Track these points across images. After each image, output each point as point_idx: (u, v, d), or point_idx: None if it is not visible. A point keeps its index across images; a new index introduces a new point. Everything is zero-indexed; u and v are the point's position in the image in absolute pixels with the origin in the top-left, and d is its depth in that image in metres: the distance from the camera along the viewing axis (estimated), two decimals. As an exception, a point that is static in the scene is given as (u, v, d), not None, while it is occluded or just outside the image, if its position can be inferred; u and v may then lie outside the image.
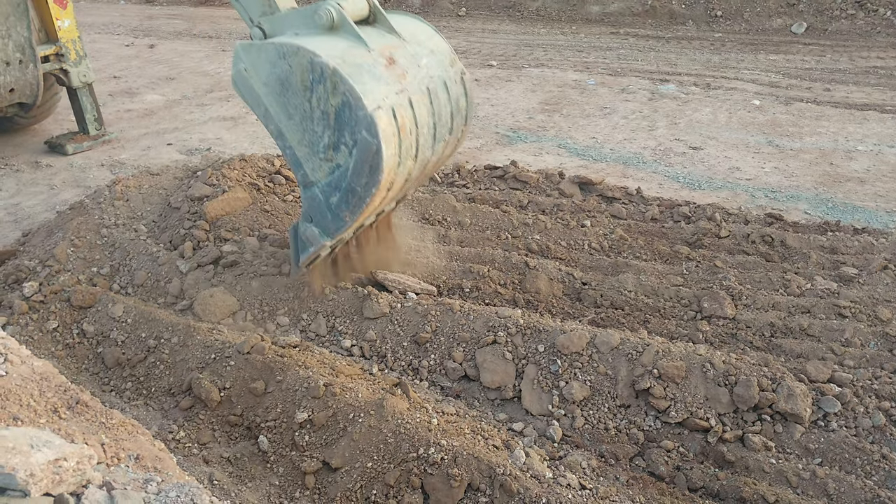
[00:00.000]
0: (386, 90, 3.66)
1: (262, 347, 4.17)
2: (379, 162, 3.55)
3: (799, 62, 12.20)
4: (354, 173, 3.66)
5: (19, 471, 1.71)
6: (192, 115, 9.87)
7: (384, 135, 3.52)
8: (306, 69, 3.58)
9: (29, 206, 6.95)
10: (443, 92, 4.14)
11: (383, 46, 3.91)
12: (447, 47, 4.37)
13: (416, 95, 3.87)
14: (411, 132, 3.81)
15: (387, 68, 3.78)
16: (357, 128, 3.53)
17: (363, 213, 3.86)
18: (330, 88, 3.54)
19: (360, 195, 3.71)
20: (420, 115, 3.88)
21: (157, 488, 1.94)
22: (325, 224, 3.98)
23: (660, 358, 3.99)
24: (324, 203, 3.89)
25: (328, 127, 3.66)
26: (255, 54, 3.79)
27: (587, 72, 11.86)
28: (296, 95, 3.70)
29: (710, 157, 8.01)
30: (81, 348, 4.61)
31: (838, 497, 3.45)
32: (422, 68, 4.04)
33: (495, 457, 3.47)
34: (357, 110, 3.50)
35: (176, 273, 5.15)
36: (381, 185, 3.65)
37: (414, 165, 4.00)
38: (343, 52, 3.64)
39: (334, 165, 3.75)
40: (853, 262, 5.33)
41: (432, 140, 4.10)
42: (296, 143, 3.85)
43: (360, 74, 3.58)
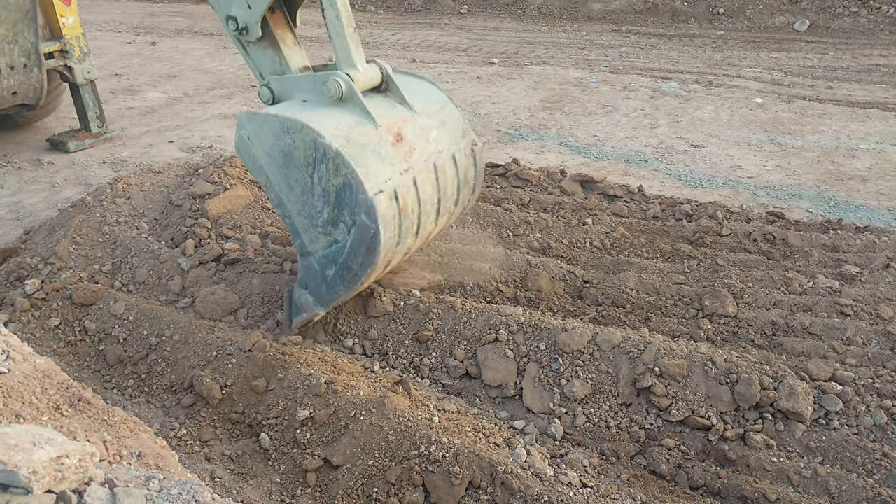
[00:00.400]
0: (390, 171, 3.61)
1: (264, 345, 4.18)
2: (376, 245, 3.53)
3: (801, 60, 12.18)
4: (351, 252, 3.63)
5: (22, 468, 1.71)
6: (193, 113, 9.88)
7: (383, 219, 3.49)
8: (310, 147, 3.53)
9: (31, 203, 6.96)
10: (451, 166, 4.09)
11: (392, 121, 3.84)
12: (458, 116, 4.29)
13: (421, 174, 3.81)
14: (413, 211, 3.77)
15: (393, 146, 3.72)
16: (357, 209, 3.49)
17: (357, 289, 3.86)
18: (332, 169, 3.49)
19: (355, 272, 3.69)
20: (424, 192, 3.84)
21: (160, 485, 1.95)
22: (320, 294, 3.96)
23: (661, 356, 3.99)
24: (319, 274, 3.86)
25: (328, 204, 3.62)
26: (259, 124, 3.72)
27: (589, 69, 11.85)
28: (298, 170, 3.65)
29: (711, 155, 8.00)
30: (83, 346, 4.61)
31: (839, 495, 3.45)
32: (430, 143, 3.96)
33: (496, 455, 3.48)
34: (358, 193, 3.45)
35: (177, 270, 5.15)
36: (377, 266, 3.65)
37: (414, 241, 3.99)
38: (348, 131, 3.58)
39: (332, 240, 3.73)
40: (855, 260, 5.33)
41: (435, 214, 4.07)
42: (295, 214, 3.80)
43: (364, 156, 3.52)
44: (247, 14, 4.02)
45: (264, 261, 5.13)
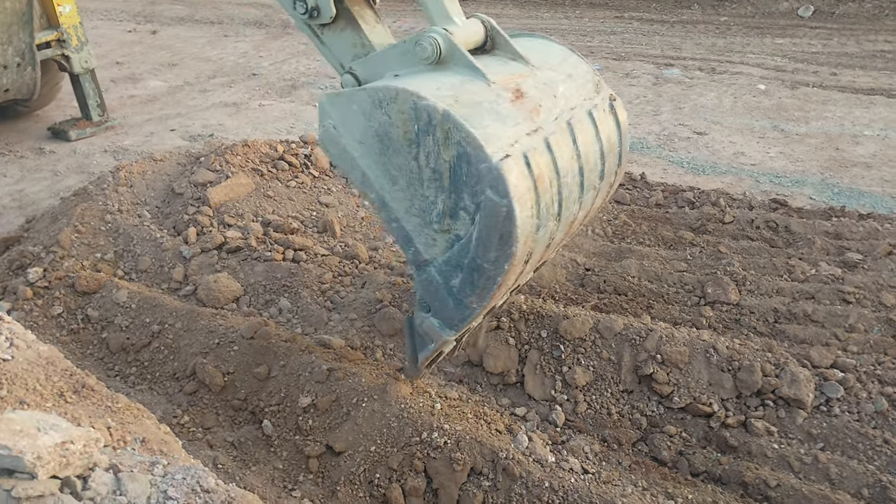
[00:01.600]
0: (515, 132, 2.87)
1: (266, 332, 4.19)
2: (511, 228, 2.71)
3: (805, 46, 12.10)
4: (480, 246, 2.82)
5: (27, 453, 1.72)
6: (194, 101, 9.85)
7: (516, 192, 2.69)
8: (409, 117, 2.82)
9: (33, 192, 6.96)
10: (589, 126, 3.30)
11: (507, 77, 3.13)
12: (588, 68, 3.56)
13: (554, 135, 3.03)
14: (552, 184, 2.96)
15: (514, 104, 3.00)
16: (479, 186, 2.73)
17: (494, 297, 2.98)
18: (441, 139, 2.76)
19: (488, 274, 2.85)
20: (562, 159, 3.04)
21: (164, 471, 1.96)
22: (447, 313, 3.12)
23: (663, 343, 3.99)
24: (443, 287, 3.06)
25: (442, 189, 2.87)
26: (344, 106, 3.04)
27: (591, 56, 11.78)
28: (399, 153, 2.94)
29: (714, 142, 7.97)
30: (86, 333, 4.63)
31: (840, 482, 3.46)
32: (559, 98, 3.21)
33: (498, 441, 3.49)
34: (478, 163, 2.70)
35: (180, 258, 5.16)
36: (515, 259, 2.80)
37: (557, 226, 3.12)
38: (456, 90, 2.89)
39: (452, 237, 2.94)
40: (858, 247, 5.32)
41: (579, 190, 3.22)
42: (403, 214, 3.05)
43: (480, 115, 2.82)
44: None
45: (266, 249, 5.14)
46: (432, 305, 3.16)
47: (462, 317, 3.09)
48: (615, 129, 3.50)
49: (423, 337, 3.29)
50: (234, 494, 1.94)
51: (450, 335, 3.20)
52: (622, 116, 3.54)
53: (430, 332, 3.24)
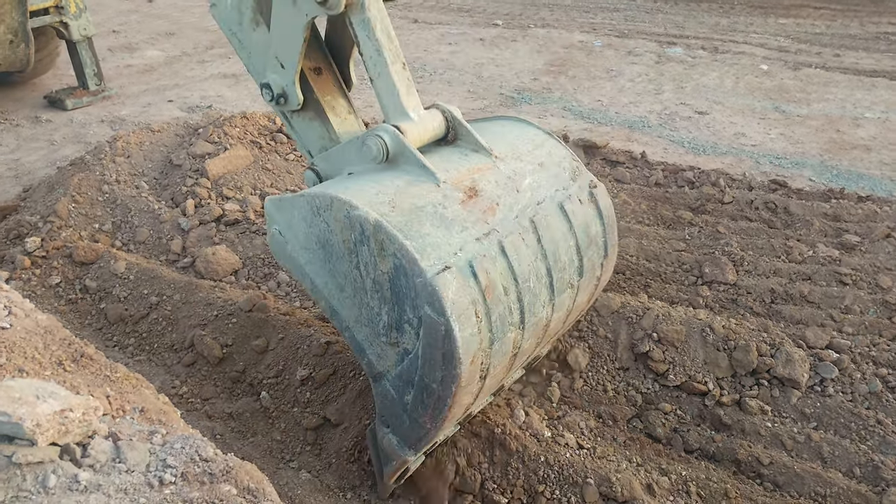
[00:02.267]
0: (460, 238, 2.62)
1: (265, 305, 4.19)
2: (453, 348, 2.46)
3: (809, 26, 12.01)
4: (426, 364, 2.58)
5: (26, 420, 1.73)
6: (192, 72, 9.75)
7: (455, 308, 2.44)
8: (345, 226, 2.63)
9: (29, 161, 6.91)
10: (559, 220, 3.01)
11: (462, 174, 2.87)
12: (565, 154, 3.27)
13: (511, 236, 2.76)
14: (507, 291, 2.70)
15: (464, 205, 2.74)
16: (418, 301, 2.49)
17: (448, 419, 2.72)
18: (376, 249, 2.55)
19: (437, 394, 2.60)
20: (521, 262, 2.77)
21: (163, 440, 1.97)
22: (404, 432, 2.88)
23: (660, 322, 4.01)
24: (398, 402, 2.81)
25: (384, 301, 2.65)
26: (287, 212, 2.90)
27: (594, 33, 11.67)
28: (342, 261, 2.74)
29: (715, 123, 7.94)
30: (84, 304, 4.63)
31: (832, 461, 3.50)
32: (523, 193, 2.94)
33: (495, 415, 3.52)
34: (414, 276, 2.46)
35: (178, 230, 5.15)
36: (462, 380, 2.53)
37: (522, 335, 2.84)
38: (395, 196, 2.66)
39: (402, 351, 2.70)
40: (856, 229, 5.32)
41: (548, 292, 2.94)
42: (353, 323, 2.85)
43: (419, 223, 2.58)
44: (281, 76, 3.18)
45: (265, 222, 5.12)
46: (390, 421, 2.93)
47: (419, 437, 2.83)
48: (596, 218, 3.21)
49: (385, 452, 3.03)
50: (232, 464, 1.96)
51: (409, 455, 2.93)
52: (604, 203, 3.24)
53: (389, 451, 2.99)
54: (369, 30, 2.87)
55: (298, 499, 3.14)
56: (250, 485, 1.88)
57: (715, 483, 3.36)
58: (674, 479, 3.38)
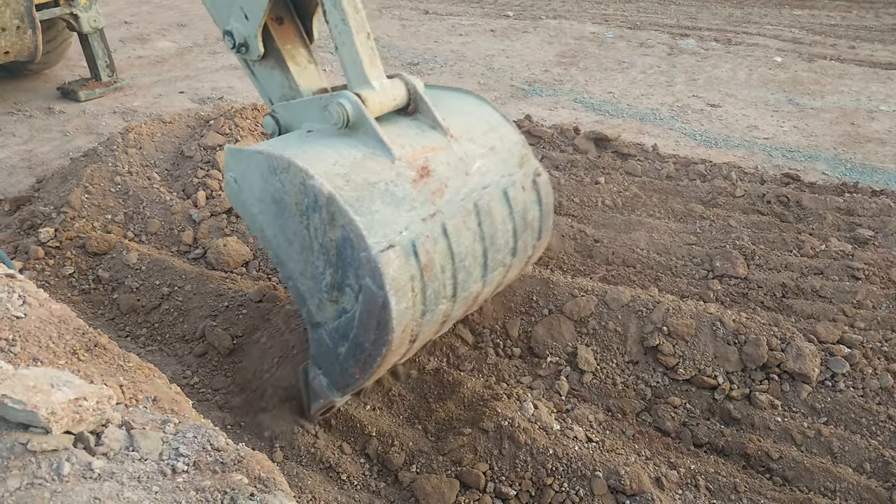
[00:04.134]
0: (408, 218, 2.82)
1: (275, 296, 4.21)
2: (387, 319, 2.72)
3: (824, 18, 11.88)
4: (361, 326, 2.84)
5: (41, 409, 1.75)
6: (203, 63, 9.78)
7: (394, 284, 2.68)
8: (300, 191, 2.77)
9: (42, 152, 6.96)
10: (500, 206, 3.20)
11: (417, 151, 3.00)
12: (516, 139, 3.41)
13: (455, 218, 2.98)
14: (443, 270, 2.95)
15: (415, 184, 2.91)
16: (360, 272, 2.71)
17: (375, 373, 3.02)
18: (327, 219, 2.72)
19: (369, 352, 2.88)
20: (460, 243, 2.99)
21: (175, 429, 1.99)
22: (334, 376, 3.16)
23: (670, 316, 4.00)
24: (332, 351, 3.07)
25: (329, 264, 2.84)
26: (244, 163, 3.00)
27: (605, 24, 11.60)
28: (293, 220, 2.89)
29: (728, 115, 7.88)
30: (97, 294, 4.67)
31: (842, 455, 3.49)
32: (471, 176, 3.11)
33: (504, 408, 3.52)
34: (359, 251, 2.67)
35: (189, 222, 5.17)
36: (393, 345, 2.82)
37: (452, 306, 3.12)
38: (350, 169, 2.81)
39: (341, 309, 2.93)
40: (869, 224, 5.28)
41: (482, 270, 3.18)
42: (298, 276, 3.04)
43: (370, 199, 2.76)
44: (244, 26, 3.28)
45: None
46: (322, 365, 3.17)
47: (346, 383, 3.10)
48: (535, 205, 3.41)
49: (315, 391, 3.29)
50: (243, 453, 1.97)
51: (336, 397, 3.22)
52: (545, 191, 3.45)
53: (318, 390, 3.25)
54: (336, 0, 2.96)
55: (308, 489, 3.17)
56: (261, 474, 1.89)
57: (724, 477, 3.36)
58: (682, 473, 3.38)
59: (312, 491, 3.16)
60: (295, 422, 3.50)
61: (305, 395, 3.42)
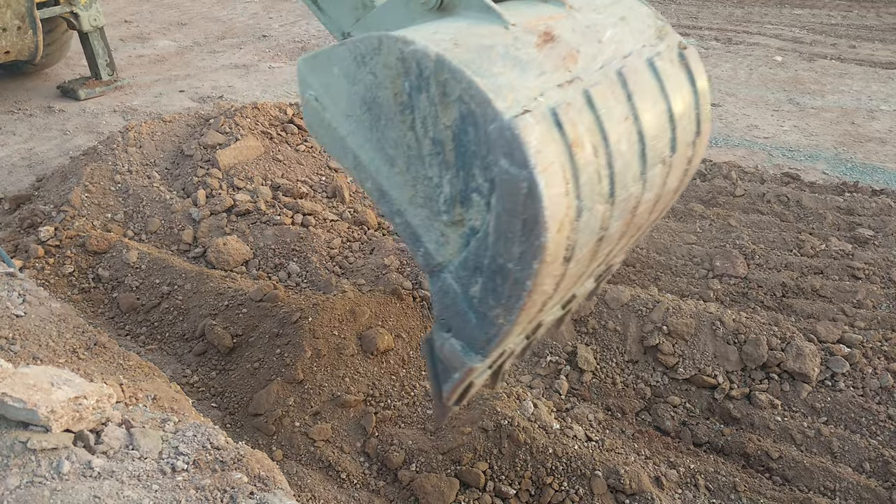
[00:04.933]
0: (540, 84, 2.08)
1: (275, 295, 4.21)
2: (538, 210, 1.92)
3: (824, 17, 11.87)
4: (499, 239, 2.05)
5: (41, 407, 1.75)
6: (203, 62, 9.77)
7: (540, 159, 1.91)
8: (398, 71, 2.13)
9: (42, 150, 6.96)
10: (650, 78, 2.43)
11: (532, 19, 2.33)
12: (647, 11, 2.68)
13: (599, 86, 2.22)
14: (596, 151, 2.14)
15: (540, 49, 2.21)
16: (491, 157, 1.97)
17: (527, 309, 2.16)
18: (437, 95, 2.05)
19: (514, 276, 2.06)
20: (611, 119, 2.21)
21: (175, 427, 1.99)
22: (469, 333, 2.35)
23: (670, 315, 4.00)
24: (462, 297, 2.31)
25: (446, 166, 2.15)
26: (324, 69, 2.41)
27: (606, 24, 11.59)
28: (392, 124, 2.25)
29: (728, 114, 7.87)
30: (97, 293, 4.67)
31: (842, 455, 3.49)
32: (606, 44, 2.39)
33: (503, 407, 3.52)
34: (486, 123, 1.94)
35: (189, 220, 5.17)
36: (548, 254, 1.99)
37: (611, 212, 2.27)
38: (456, 34, 2.17)
39: (467, 231, 2.19)
40: (870, 223, 5.28)
41: (640, 163, 2.35)
42: (406, 205, 2.35)
43: (489, 61, 2.06)
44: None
45: (276, 213, 5.14)
46: (452, 323, 2.40)
47: (488, 337, 2.29)
48: (688, 85, 2.59)
49: (446, 364, 2.52)
50: (243, 452, 1.98)
51: (476, 362, 2.39)
52: (697, 68, 2.62)
53: (451, 358, 2.46)
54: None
55: (308, 488, 3.17)
56: (261, 473, 1.89)
57: (723, 476, 3.36)
58: (682, 472, 3.39)
59: (312, 489, 3.16)
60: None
61: (433, 375, 2.62)
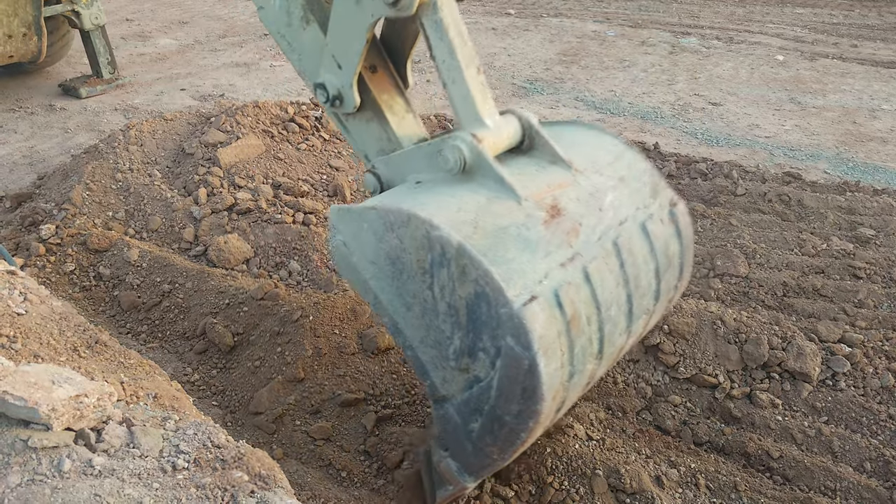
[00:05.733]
0: (546, 264, 2.44)
1: (276, 294, 4.21)
2: (536, 384, 2.30)
3: (826, 16, 11.86)
4: (501, 396, 2.43)
5: (41, 405, 1.75)
6: (205, 61, 9.77)
7: (542, 343, 2.28)
8: (422, 246, 2.45)
9: (43, 149, 6.97)
10: (641, 243, 2.80)
11: (543, 189, 2.66)
12: (645, 167, 3.02)
13: (595, 261, 2.58)
14: (590, 321, 2.53)
15: (547, 226, 2.54)
16: (499, 331, 2.33)
17: (520, 450, 2.58)
18: (456, 274, 2.38)
19: (510, 427, 2.45)
20: (604, 290, 2.59)
21: (175, 426, 1.99)
22: (465, 458, 2.72)
23: (670, 314, 4.00)
24: (462, 429, 2.65)
25: (458, 326, 2.48)
26: (355, 223, 2.67)
27: (607, 23, 11.58)
28: (413, 280, 2.56)
29: (729, 114, 7.87)
30: (98, 291, 4.67)
31: (843, 455, 3.49)
32: (605, 212, 2.73)
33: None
34: (498, 306, 2.29)
35: (190, 219, 5.17)
36: (542, 415, 2.39)
37: (598, 365, 2.69)
38: (476, 214, 2.48)
39: (472, 378, 2.53)
40: (871, 223, 5.28)
41: (626, 320, 2.75)
42: (418, 343, 2.67)
43: (504, 246, 2.40)
44: (338, 77, 3.00)
45: (277, 211, 5.14)
46: (450, 446, 2.75)
47: (482, 465, 2.67)
48: (675, 240, 2.97)
49: (441, 476, 2.86)
50: (244, 450, 1.98)
51: (469, 482, 2.77)
52: (684, 222, 3.01)
53: (447, 475, 2.81)
54: (442, 32, 2.68)
55: (308, 486, 3.17)
56: (262, 471, 1.90)
57: (724, 476, 3.36)
58: (683, 472, 3.39)
59: (313, 488, 3.16)
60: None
61: (428, 481, 2.98)
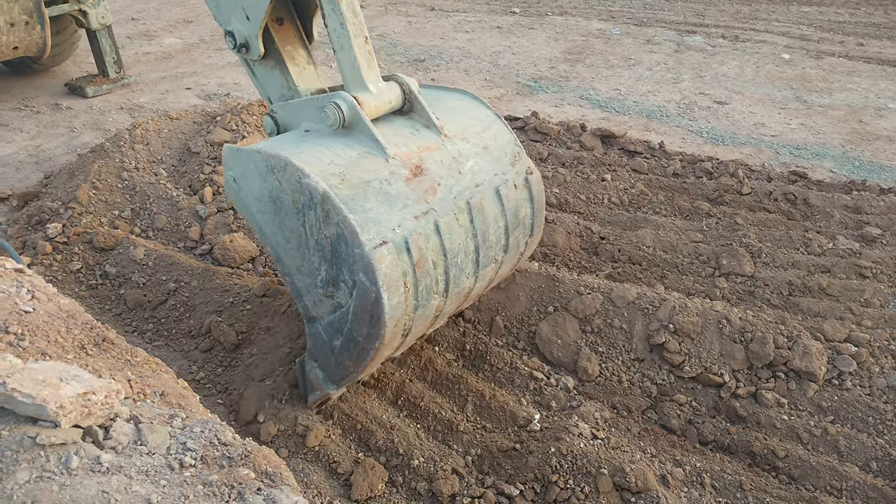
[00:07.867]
0: (399, 216, 2.90)
1: (279, 291, 4.22)
2: (380, 313, 2.81)
3: (832, 15, 11.81)
4: (355, 320, 2.93)
5: (49, 402, 1.76)
6: (210, 60, 9.79)
7: (386, 280, 2.77)
8: (296, 189, 2.87)
9: (49, 147, 6.99)
10: (493, 204, 3.30)
11: (412, 150, 3.11)
12: (509, 138, 3.52)
13: (447, 216, 3.07)
14: (436, 266, 3.04)
15: (409, 183, 3.00)
16: (355, 268, 2.80)
17: (369, 366, 3.13)
18: (322, 216, 2.82)
19: (362, 346, 2.98)
20: (452, 240, 3.08)
21: (182, 423, 2.00)
22: (329, 369, 3.26)
23: (676, 313, 3.99)
24: (327, 344, 3.17)
25: (325, 259, 2.93)
26: (243, 162, 3.08)
27: (612, 21, 11.56)
28: (290, 217, 2.99)
29: (734, 112, 7.85)
30: (104, 289, 4.69)
31: (849, 454, 3.48)
32: (464, 175, 3.21)
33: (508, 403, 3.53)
34: (353, 247, 2.76)
35: (196, 218, 5.19)
36: (385, 339, 2.91)
37: (445, 300, 3.19)
38: (346, 167, 2.91)
39: (335, 303, 3.02)
40: (877, 222, 5.26)
41: (473, 266, 3.28)
42: (294, 272, 3.13)
43: (363, 198, 2.85)
44: (245, 27, 3.36)
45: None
46: (318, 358, 3.27)
47: (342, 376, 3.20)
48: (527, 202, 3.51)
49: (311, 384, 3.41)
50: (250, 448, 1.98)
51: (332, 389, 3.32)
52: (536, 189, 3.55)
53: (315, 383, 3.36)
54: (335, 3, 3.03)
55: (314, 484, 3.18)
56: (268, 469, 1.90)
57: (729, 475, 3.36)
58: (688, 471, 3.38)
59: (318, 486, 3.17)
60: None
61: (302, 386, 3.54)
